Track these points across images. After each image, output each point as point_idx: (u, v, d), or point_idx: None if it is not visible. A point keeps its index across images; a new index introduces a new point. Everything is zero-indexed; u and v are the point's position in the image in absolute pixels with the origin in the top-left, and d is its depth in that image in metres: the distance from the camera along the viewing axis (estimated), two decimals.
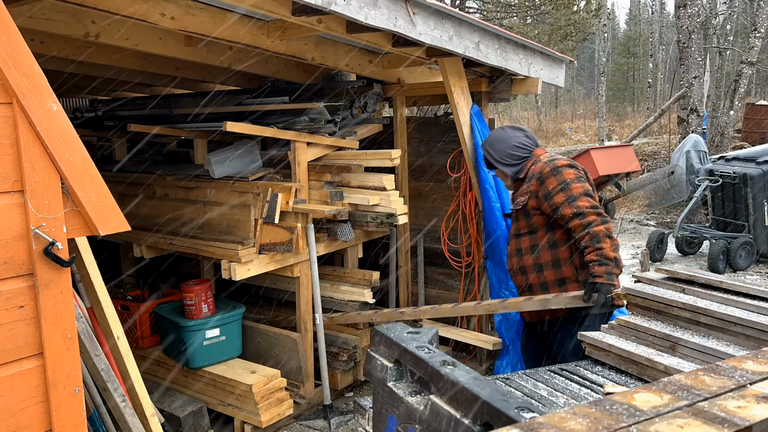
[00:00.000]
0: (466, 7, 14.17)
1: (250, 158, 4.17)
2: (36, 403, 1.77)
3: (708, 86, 16.69)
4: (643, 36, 35.26)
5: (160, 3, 2.95)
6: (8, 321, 1.70)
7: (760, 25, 12.02)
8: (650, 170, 12.55)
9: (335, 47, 4.01)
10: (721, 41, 17.79)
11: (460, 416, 1.20)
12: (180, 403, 3.76)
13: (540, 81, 4.28)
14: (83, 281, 2.66)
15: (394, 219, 3.88)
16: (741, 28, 22.22)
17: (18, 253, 1.70)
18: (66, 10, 2.98)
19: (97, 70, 4.32)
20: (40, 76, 1.69)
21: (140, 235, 4.12)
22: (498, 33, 3.78)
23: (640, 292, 2.89)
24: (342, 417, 3.89)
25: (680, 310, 2.68)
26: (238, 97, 4.57)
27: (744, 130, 15.65)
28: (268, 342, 4.08)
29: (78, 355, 1.84)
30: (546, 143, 21.42)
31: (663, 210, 10.64)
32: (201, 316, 3.86)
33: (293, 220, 3.76)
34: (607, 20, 22.76)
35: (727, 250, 7.10)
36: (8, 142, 1.66)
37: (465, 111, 4.05)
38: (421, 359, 1.37)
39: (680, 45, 12.40)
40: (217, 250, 3.66)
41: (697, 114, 12.12)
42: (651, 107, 23.93)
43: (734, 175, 7.41)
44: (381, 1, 2.93)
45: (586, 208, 2.90)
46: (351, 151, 4.12)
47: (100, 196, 1.79)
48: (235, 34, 3.35)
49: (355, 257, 4.48)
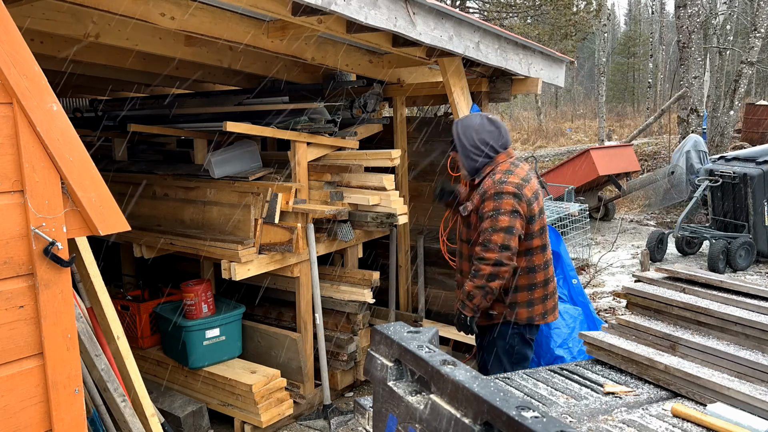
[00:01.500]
0: (466, 7, 14.17)
1: (250, 158, 4.17)
2: (36, 403, 1.77)
3: (708, 86, 16.70)
4: (643, 36, 35.27)
5: (160, 3, 2.95)
6: (8, 321, 1.70)
7: (760, 25, 12.02)
8: (650, 170, 12.55)
9: (335, 47, 4.01)
10: (721, 41, 17.80)
11: (461, 415, 1.20)
12: (180, 403, 3.76)
13: (540, 81, 4.28)
14: (83, 281, 2.66)
15: (394, 219, 3.88)
16: (741, 28, 22.23)
17: (18, 253, 1.70)
18: (66, 10, 2.98)
19: (97, 70, 4.32)
20: (40, 76, 1.69)
21: (140, 235, 4.12)
22: (498, 33, 3.78)
23: (640, 292, 2.89)
24: (342, 417, 3.89)
25: (680, 310, 2.68)
26: (238, 97, 4.57)
27: (744, 130, 15.66)
28: (268, 342, 4.08)
29: (78, 355, 1.83)
30: (546, 143, 21.44)
31: (663, 210, 10.64)
32: (201, 316, 3.86)
33: (293, 220, 3.76)
34: (607, 20, 22.75)
35: (727, 250, 7.10)
36: (8, 142, 1.66)
37: (465, 111, 4.05)
38: (422, 358, 1.37)
39: (680, 45, 12.40)
40: (217, 250, 3.66)
41: (697, 114, 12.12)
42: (651, 107, 23.93)
43: (734, 175, 7.42)
44: (381, 1, 2.93)
45: (495, 244, 2.85)
46: (351, 151, 4.12)
47: (100, 196, 1.79)
48: (235, 34, 3.35)
49: (355, 257, 4.48)
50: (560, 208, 7.84)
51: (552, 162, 15.67)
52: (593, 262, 7.48)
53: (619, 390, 2.51)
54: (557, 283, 4.25)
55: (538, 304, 3.04)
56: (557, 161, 14.80)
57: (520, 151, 19.44)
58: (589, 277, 6.78)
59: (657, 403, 2.40)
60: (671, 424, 2.19)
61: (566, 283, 4.23)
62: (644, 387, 2.55)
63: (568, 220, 7.72)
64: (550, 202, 8.05)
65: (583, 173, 9.45)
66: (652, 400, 2.43)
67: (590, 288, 6.61)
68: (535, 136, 22.85)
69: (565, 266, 4.26)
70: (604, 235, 9.34)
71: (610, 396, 2.47)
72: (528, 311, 3.02)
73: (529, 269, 3.01)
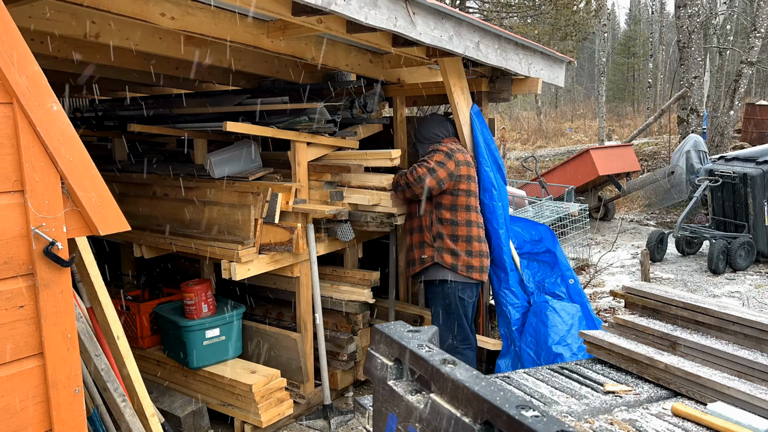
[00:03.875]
0: (466, 7, 14.17)
1: (250, 158, 4.17)
2: (36, 403, 1.77)
3: (708, 86, 16.70)
4: (643, 36, 35.27)
5: (160, 3, 2.95)
6: (8, 321, 1.70)
7: (760, 25, 12.02)
8: (650, 170, 12.55)
9: (335, 47, 4.02)
10: (721, 41, 17.80)
11: (461, 415, 1.20)
12: (180, 403, 3.76)
13: (540, 81, 4.29)
14: (83, 281, 2.66)
15: (394, 219, 3.88)
16: (741, 28, 22.23)
17: (18, 253, 1.70)
18: (66, 10, 2.98)
19: (97, 70, 4.31)
20: (40, 76, 1.69)
21: (140, 235, 4.12)
22: (498, 33, 3.78)
23: (639, 291, 2.90)
24: (342, 417, 3.89)
25: (679, 309, 2.68)
26: (238, 97, 4.57)
27: (744, 130, 15.66)
28: (268, 342, 4.08)
29: (78, 355, 1.84)
30: (546, 143, 21.45)
31: (663, 210, 10.65)
32: (201, 316, 3.86)
33: (293, 220, 3.76)
34: (607, 20, 22.75)
35: (727, 250, 7.10)
36: (8, 142, 1.66)
37: (465, 111, 4.05)
38: (422, 358, 1.37)
39: (680, 45, 12.40)
40: (217, 250, 3.66)
41: (697, 114, 12.13)
42: (651, 107, 23.94)
43: (734, 175, 7.42)
44: (381, 1, 2.93)
45: (414, 170, 3.68)
46: (351, 151, 4.12)
47: (100, 196, 1.79)
48: (235, 34, 3.35)
49: (355, 257, 4.48)
50: (560, 208, 7.84)
51: (552, 162, 15.68)
52: (593, 262, 7.48)
53: (619, 389, 2.51)
54: (556, 282, 4.26)
55: (461, 256, 3.72)
56: (557, 161, 14.81)
57: (520, 151, 19.45)
58: (589, 277, 6.78)
59: (657, 402, 2.40)
60: (672, 423, 2.19)
61: (564, 282, 4.24)
62: (644, 386, 2.55)
63: (568, 220, 7.72)
64: (550, 202, 8.05)
65: (583, 173, 9.45)
66: (652, 399, 2.43)
67: (590, 288, 6.61)
68: (535, 136, 22.86)
69: (562, 266, 4.27)
70: (604, 235, 9.34)
71: (611, 395, 2.47)
72: (452, 258, 3.71)
73: (452, 222, 3.74)
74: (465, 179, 3.76)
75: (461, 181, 3.74)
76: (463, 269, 3.72)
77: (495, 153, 4.11)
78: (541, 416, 1.08)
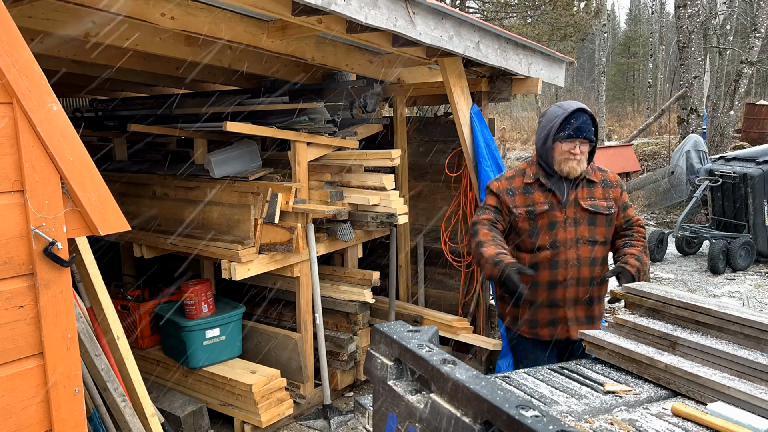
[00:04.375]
0: (466, 7, 14.17)
1: (250, 158, 4.17)
2: (36, 403, 1.77)
3: (708, 86, 16.69)
4: (643, 36, 35.26)
5: (160, 3, 2.95)
6: (8, 321, 1.70)
7: (760, 25, 12.02)
8: (650, 170, 12.55)
9: (335, 47, 4.01)
10: (721, 41, 17.81)
11: (461, 414, 1.20)
12: (180, 403, 3.76)
13: (540, 81, 4.28)
14: (83, 281, 2.66)
15: (394, 219, 3.88)
16: (741, 28, 22.23)
17: (18, 253, 1.70)
18: (66, 10, 2.98)
19: (97, 70, 4.31)
20: (40, 76, 1.69)
21: (140, 235, 4.12)
22: (498, 33, 3.78)
23: (639, 291, 2.89)
24: (342, 417, 3.89)
25: (679, 309, 2.68)
26: (238, 97, 4.57)
27: (744, 130, 15.65)
28: (268, 342, 4.08)
29: (78, 355, 1.83)
30: None
31: (663, 210, 10.64)
32: (201, 316, 3.86)
33: (293, 220, 3.76)
34: (607, 20, 22.75)
35: (727, 250, 7.10)
36: (8, 142, 1.65)
37: (465, 111, 4.05)
38: (422, 358, 1.37)
39: (680, 45, 12.40)
40: (217, 250, 3.66)
41: (697, 114, 12.12)
42: (651, 107, 23.93)
43: (734, 175, 7.41)
44: (381, 1, 2.93)
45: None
46: (351, 151, 4.12)
47: (100, 196, 1.79)
48: (235, 34, 3.35)
49: (355, 257, 4.48)
50: None
51: None
52: None
53: (619, 389, 2.51)
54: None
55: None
56: None
57: (519, 151, 19.45)
58: None
59: (657, 402, 2.40)
60: (672, 423, 2.19)
61: None
62: (644, 386, 2.55)
63: None
64: None
65: None
66: (652, 399, 2.43)
67: None
68: (535, 136, 22.83)
69: None
70: None
71: (611, 395, 2.47)
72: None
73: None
74: None
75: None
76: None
77: (495, 153, 4.11)
78: (540, 416, 1.08)
